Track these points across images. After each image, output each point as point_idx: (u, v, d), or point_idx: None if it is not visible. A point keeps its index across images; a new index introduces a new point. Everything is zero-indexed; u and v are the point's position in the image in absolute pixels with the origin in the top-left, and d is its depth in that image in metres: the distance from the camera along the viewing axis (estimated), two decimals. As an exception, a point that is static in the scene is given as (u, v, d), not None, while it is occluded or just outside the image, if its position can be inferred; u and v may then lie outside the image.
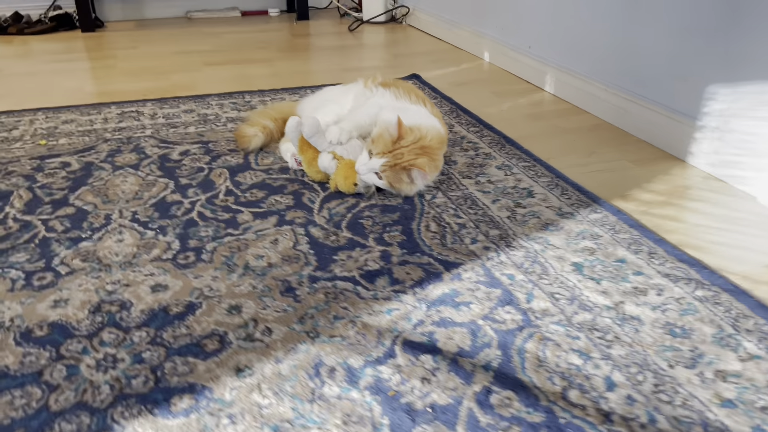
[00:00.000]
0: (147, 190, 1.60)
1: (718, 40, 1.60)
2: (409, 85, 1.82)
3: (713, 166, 1.65)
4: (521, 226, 1.41)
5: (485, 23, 2.84)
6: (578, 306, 1.14)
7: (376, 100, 1.73)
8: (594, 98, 2.09)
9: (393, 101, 1.72)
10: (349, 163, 1.55)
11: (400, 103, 1.71)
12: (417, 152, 1.48)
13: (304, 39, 3.44)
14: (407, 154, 1.47)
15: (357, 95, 1.79)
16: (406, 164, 1.47)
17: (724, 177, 1.62)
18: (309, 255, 1.31)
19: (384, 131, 1.50)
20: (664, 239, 1.35)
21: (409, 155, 1.47)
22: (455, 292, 1.18)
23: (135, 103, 2.27)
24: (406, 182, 1.49)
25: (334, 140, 1.57)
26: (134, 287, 1.20)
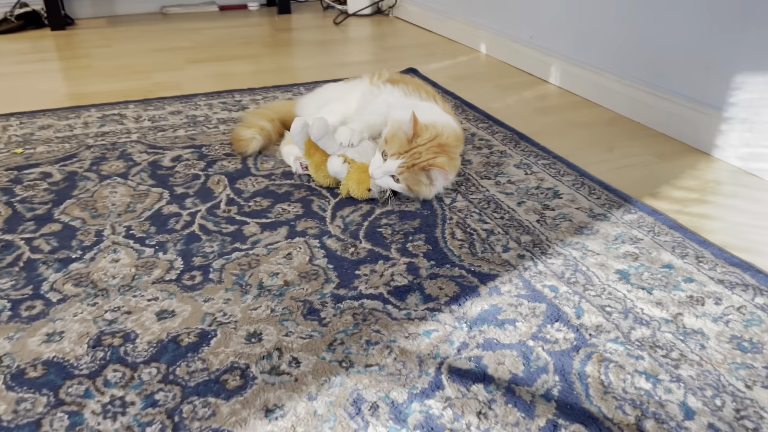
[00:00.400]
0: (140, 201, 1.46)
1: (748, 25, 1.51)
2: (418, 81, 1.71)
3: (742, 160, 1.57)
4: (553, 230, 1.31)
5: (481, 13, 2.73)
6: (633, 320, 1.04)
7: (385, 97, 1.61)
8: (607, 90, 2.00)
9: (402, 98, 1.60)
10: (361, 167, 1.43)
11: (411, 101, 1.59)
12: (435, 151, 1.37)
13: (289, 33, 3.29)
14: (425, 153, 1.36)
15: (363, 93, 1.67)
16: (424, 164, 1.35)
17: (755, 171, 1.54)
18: (328, 270, 1.19)
19: (397, 130, 1.39)
20: (708, 241, 1.26)
21: (427, 154, 1.36)
22: (496, 309, 1.07)
23: (116, 105, 2.11)
24: (426, 184, 1.38)
25: (345, 142, 1.45)
26: (137, 315, 1.07)
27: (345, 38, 3.18)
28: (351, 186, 1.42)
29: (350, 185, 1.42)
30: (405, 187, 1.39)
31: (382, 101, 1.59)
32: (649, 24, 1.82)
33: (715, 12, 1.60)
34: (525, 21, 2.42)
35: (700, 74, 1.67)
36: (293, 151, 1.60)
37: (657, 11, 1.78)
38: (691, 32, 1.67)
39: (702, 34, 1.64)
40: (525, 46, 2.42)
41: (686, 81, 1.72)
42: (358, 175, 1.42)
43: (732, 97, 1.57)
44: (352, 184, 1.42)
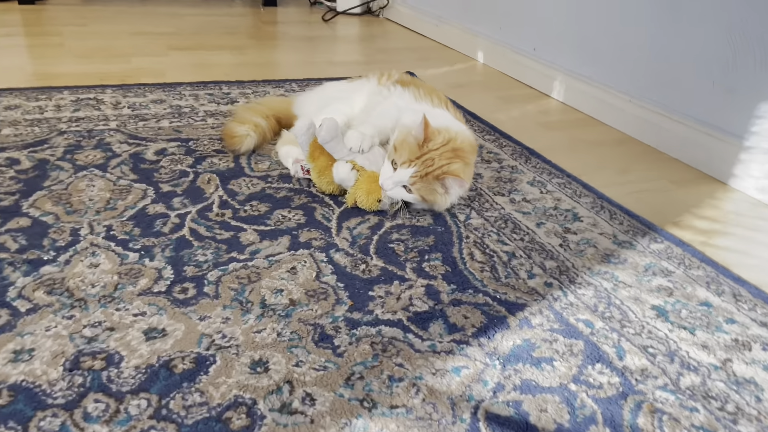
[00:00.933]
0: (121, 197, 1.30)
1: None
2: (429, 86, 1.60)
3: (763, 192, 1.51)
4: (579, 257, 1.21)
5: (480, 21, 2.64)
6: (680, 364, 0.94)
7: (395, 100, 1.49)
8: (615, 110, 1.93)
9: (413, 103, 1.49)
10: (371, 176, 1.31)
11: (421, 105, 1.48)
12: (449, 156, 1.26)
13: (276, 27, 3.15)
14: (438, 160, 1.25)
15: (370, 94, 1.55)
16: (438, 172, 1.24)
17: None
18: (338, 289, 1.07)
19: (407, 135, 1.28)
20: (742, 278, 1.18)
21: (441, 160, 1.25)
22: (529, 344, 0.96)
23: (92, 88, 1.94)
24: (440, 193, 1.27)
25: (355, 148, 1.33)
26: (121, 332, 0.92)
27: (334, 36, 3.05)
28: (360, 196, 1.30)
29: (359, 195, 1.30)
30: (419, 198, 1.27)
31: (392, 104, 1.48)
32: (664, 40, 1.75)
33: (740, 31, 1.53)
34: (528, 32, 2.34)
35: (720, 99, 1.60)
36: (292, 152, 1.47)
37: (674, 26, 1.71)
38: (714, 52, 1.61)
39: (724, 55, 1.58)
40: (527, 57, 2.33)
41: (704, 105, 1.65)
42: (368, 184, 1.30)
43: (755, 125, 1.51)
44: (361, 194, 1.29)
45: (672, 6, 1.71)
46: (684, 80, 1.71)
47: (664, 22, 1.75)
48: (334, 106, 1.53)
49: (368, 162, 1.34)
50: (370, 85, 1.58)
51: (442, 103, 1.52)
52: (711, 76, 1.62)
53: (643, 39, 1.82)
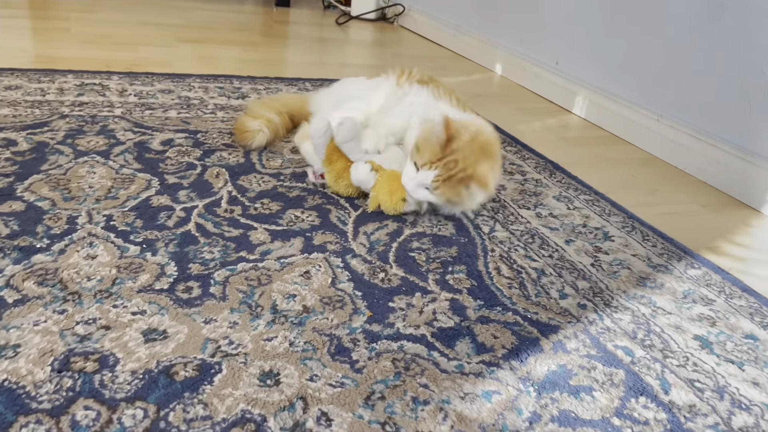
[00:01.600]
0: (123, 187, 1.21)
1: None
2: (448, 86, 1.52)
3: (800, 221, 1.43)
4: (612, 278, 1.13)
5: (499, 32, 2.58)
6: (731, 402, 0.86)
7: (411, 98, 1.42)
8: (641, 128, 1.86)
9: (431, 101, 1.41)
10: (392, 174, 1.23)
11: (440, 105, 1.40)
12: (475, 156, 1.17)
13: (288, 27, 3.07)
14: (462, 161, 1.16)
15: (388, 93, 1.47)
16: (462, 175, 1.16)
17: (813, 235, 1.40)
18: (356, 298, 0.98)
19: (429, 135, 1.19)
20: (787, 311, 1.10)
21: (465, 162, 1.16)
22: (566, 371, 0.88)
23: (98, 74, 1.85)
24: (466, 195, 1.18)
25: (371, 148, 1.25)
26: (118, 332, 0.83)
27: (347, 39, 2.98)
28: (382, 197, 1.21)
29: (381, 197, 1.21)
30: (444, 200, 1.19)
31: (408, 103, 1.40)
32: (698, 58, 1.69)
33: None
34: (551, 45, 2.27)
35: (756, 122, 1.53)
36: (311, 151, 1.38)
37: (709, 45, 1.65)
38: (751, 72, 1.54)
39: (766, 78, 1.51)
40: (548, 71, 2.27)
41: (739, 127, 1.58)
42: (389, 184, 1.21)
43: (795, 152, 1.44)
44: (384, 196, 1.21)
45: (708, 24, 1.65)
46: (718, 101, 1.64)
47: (699, 40, 1.68)
48: (352, 104, 1.45)
49: (386, 162, 1.26)
50: (389, 83, 1.50)
51: (461, 104, 1.44)
52: (748, 99, 1.55)
53: (675, 56, 1.76)
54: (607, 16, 2.00)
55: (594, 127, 2.03)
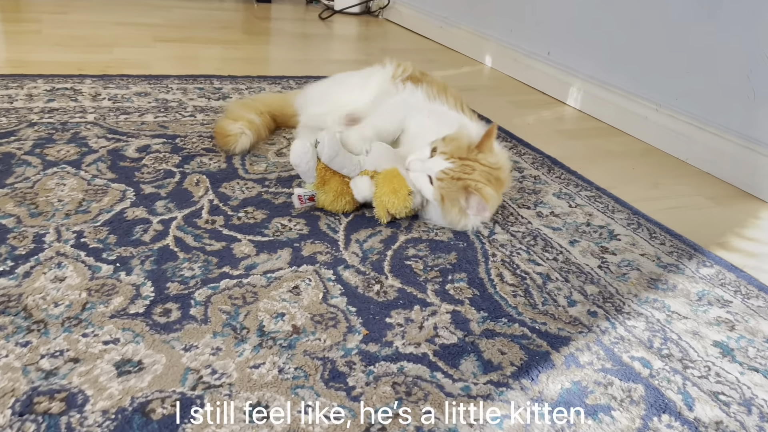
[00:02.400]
0: (95, 199, 1.13)
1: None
2: (443, 83, 1.44)
3: (811, 212, 1.37)
4: (622, 281, 1.06)
5: (488, 23, 2.50)
6: (759, 416, 0.79)
7: (404, 97, 1.34)
8: (639, 118, 1.79)
9: (425, 102, 1.33)
10: (388, 174, 1.14)
11: (435, 106, 1.33)
12: (488, 178, 1.11)
13: (270, 23, 2.98)
14: (477, 174, 1.10)
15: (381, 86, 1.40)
16: (471, 183, 1.09)
17: (826, 226, 1.34)
18: (350, 314, 0.90)
19: (463, 134, 1.13)
20: (808, 310, 1.03)
21: (479, 176, 1.10)
22: (580, 389, 0.80)
23: (69, 78, 1.76)
24: (459, 207, 1.11)
25: (355, 149, 1.17)
26: (88, 365, 0.75)
27: (331, 35, 2.89)
28: (389, 201, 1.12)
29: (387, 200, 1.12)
30: (438, 198, 1.11)
31: (400, 101, 1.32)
32: (697, 44, 1.62)
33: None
34: (542, 35, 2.20)
35: (761, 109, 1.47)
36: None
37: (710, 30, 1.58)
38: (755, 58, 1.47)
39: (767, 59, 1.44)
40: (540, 61, 2.19)
41: (743, 116, 1.52)
42: (390, 184, 1.12)
43: (804, 139, 1.38)
44: (389, 198, 1.12)
45: (707, 8, 1.58)
46: (719, 88, 1.57)
47: (698, 25, 1.61)
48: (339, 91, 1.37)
49: (373, 160, 1.17)
50: (384, 74, 1.42)
51: (457, 103, 1.37)
52: (752, 86, 1.49)
53: (673, 43, 1.69)
54: (600, 2, 1.93)
55: (590, 118, 1.96)
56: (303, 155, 1.12)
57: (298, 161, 1.13)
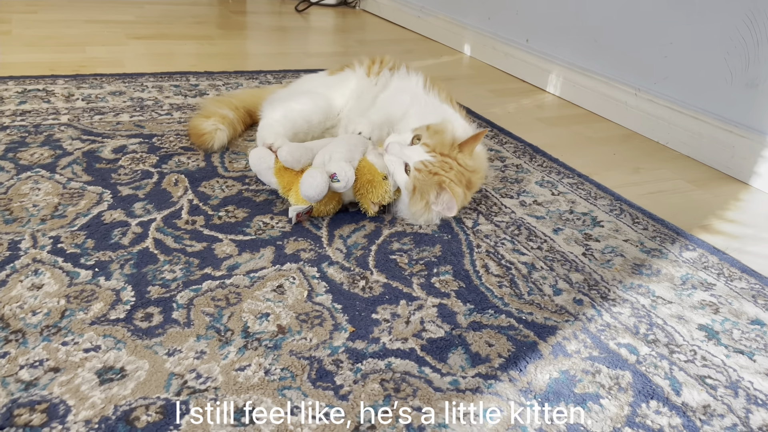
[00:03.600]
0: (71, 203, 1.11)
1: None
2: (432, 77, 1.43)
3: (790, 192, 1.38)
4: (606, 267, 1.06)
5: (466, 11, 2.49)
6: (746, 399, 0.80)
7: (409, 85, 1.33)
8: (617, 104, 1.79)
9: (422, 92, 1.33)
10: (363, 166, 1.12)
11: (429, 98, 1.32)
12: (461, 179, 1.11)
13: (246, 17, 2.95)
14: (453, 173, 1.09)
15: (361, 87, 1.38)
16: (447, 180, 1.08)
17: (805, 205, 1.36)
18: (336, 312, 0.89)
19: (448, 129, 1.13)
20: (790, 290, 1.04)
21: (454, 176, 1.09)
22: (569, 378, 0.80)
23: (41, 79, 1.72)
24: (426, 201, 1.10)
25: (365, 132, 1.17)
26: (68, 374, 0.73)
27: (309, 27, 2.87)
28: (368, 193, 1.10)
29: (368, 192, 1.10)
30: (409, 188, 1.10)
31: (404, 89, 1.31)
32: (674, 28, 1.62)
33: (765, 20, 1.41)
34: (520, 22, 2.20)
35: (740, 92, 1.48)
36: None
37: (686, 13, 1.58)
38: (733, 41, 1.48)
39: (748, 44, 1.45)
40: (519, 49, 2.19)
41: (722, 98, 1.52)
42: (363, 176, 1.11)
43: (781, 120, 1.39)
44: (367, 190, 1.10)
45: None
46: (697, 71, 1.58)
47: (674, 9, 1.61)
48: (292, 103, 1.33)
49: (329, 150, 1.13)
50: (357, 76, 1.41)
51: (446, 97, 1.36)
52: (729, 68, 1.49)
53: (650, 27, 1.69)
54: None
55: (570, 105, 1.96)
56: (256, 162, 1.15)
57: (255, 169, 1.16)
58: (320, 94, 1.38)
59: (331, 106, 1.37)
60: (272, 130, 1.22)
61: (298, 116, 1.28)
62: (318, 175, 1.04)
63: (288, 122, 1.26)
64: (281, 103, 1.34)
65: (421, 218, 1.14)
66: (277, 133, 1.21)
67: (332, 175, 1.06)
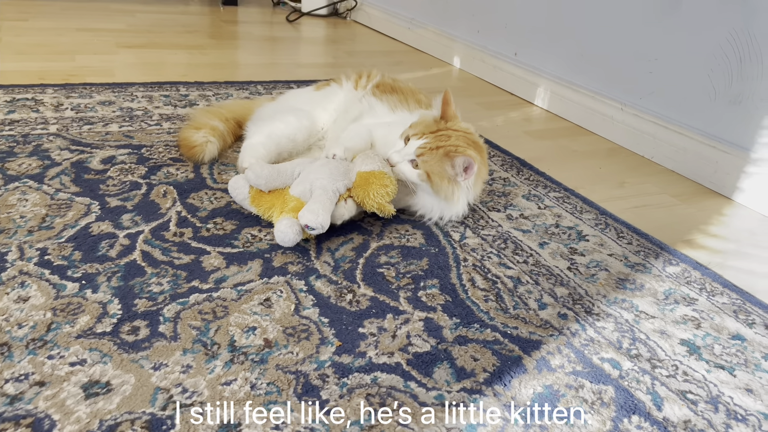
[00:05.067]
0: (59, 214, 1.11)
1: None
2: (412, 88, 1.45)
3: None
4: (591, 282, 1.08)
5: (456, 24, 2.51)
6: (726, 414, 0.81)
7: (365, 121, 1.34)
8: (604, 118, 1.81)
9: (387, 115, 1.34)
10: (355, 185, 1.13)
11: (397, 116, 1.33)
12: (465, 142, 1.13)
13: (237, 26, 2.96)
14: (454, 138, 1.11)
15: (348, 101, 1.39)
16: (451, 148, 1.10)
17: (786, 221, 1.38)
18: (323, 325, 0.90)
19: (426, 115, 1.19)
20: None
21: (457, 140, 1.11)
22: (552, 393, 0.81)
23: (30, 88, 1.72)
24: (449, 177, 1.12)
25: (340, 155, 1.17)
26: (54, 388, 0.74)
27: (300, 38, 2.88)
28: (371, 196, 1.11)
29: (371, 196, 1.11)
30: (424, 176, 1.12)
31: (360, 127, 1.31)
32: (660, 45, 1.65)
33: (748, 38, 1.43)
34: (509, 36, 2.22)
35: (723, 108, 1.50)
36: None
37: (670, 30, 1.61)
38: (717, 59, 1.51)
39: (731, 62, 1.47)
40: (507, 62, 2.21)
41: (706, 114, 1.55)
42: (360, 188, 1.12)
43: (764, 136, 1.41)
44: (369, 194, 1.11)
45: (670, 9, 1.61)
46: (682, 88, 1.61)
47: (660, 26, 1.64)
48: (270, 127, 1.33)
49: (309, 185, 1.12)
50: (345, 91, 1.42)
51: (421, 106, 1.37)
52: (713, 84, 1.52)
53: (637, 43, 1.72)
54: (565, 4, 1.95)
55: (557, 118, 1.98)
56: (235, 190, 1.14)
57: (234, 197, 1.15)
58: (305, 111, 1.38)
59: (316, 123, 1.38)
60: (254, 153, 1.24)
61: (281, 136, 1.29)
62: (289, 231, 1.03)
63: (272, 143, 1.27)
64: (265, 124, 1.35)
65: (453, 198, 1.14)
66: (258, 156, 1.22)
67: (305, 226, 1.05)
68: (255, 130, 1.34)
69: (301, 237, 1.05)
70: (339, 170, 1.12)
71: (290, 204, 1.10)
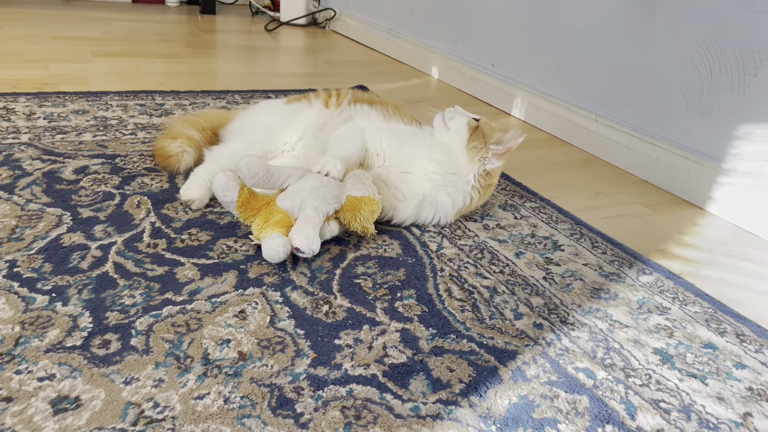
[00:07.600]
0: (29, 225, 1.09)
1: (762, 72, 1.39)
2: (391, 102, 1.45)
3: (743, 217, 1.43)
4: (566, 292, 1.09)
5: (434, 35, 2.53)
6: (698, 422, 0.82)
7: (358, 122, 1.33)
8: (579, 129, 1.84)
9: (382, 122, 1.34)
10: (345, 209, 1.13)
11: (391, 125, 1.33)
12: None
13: (215, 35, 2.94)
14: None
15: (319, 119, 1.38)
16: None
17: (757, 231, 1.40)
18: (298, 337, 0.89)
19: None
20: (742, 315, 1.08)
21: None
22: (528, 402, 0.82)
23: (2, 96, 1.69)
24: (486, 143, 1.26)
25: (333, 174, 1.15)
26: (21, 404, 0.72)
27: (278, 47, 2.88)
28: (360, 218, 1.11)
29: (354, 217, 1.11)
30: (472, 123, 1.29)
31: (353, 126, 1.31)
32: (632, 57, 1.68)
33: (719, 50, 1.46)
34: (486, 47, 2.24)
35: (695, 119, 1.53)
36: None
37: (643, 42, 1.64)
38: (687, 71, 1.53)
39: (701, 73, 1.50)
40: (485, 73, 2.23)
41: (677, 126, 1.57)
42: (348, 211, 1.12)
43: (734, 147, 1.44)
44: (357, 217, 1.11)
45: (642, 22, 1.64)
46: (655, 99, 1.63)
47: (633, 38, 1.67)
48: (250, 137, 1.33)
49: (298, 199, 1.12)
50: (315, 110, 1.40)
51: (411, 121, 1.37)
52: (684, 97, 1.55)
53: (610, 55, 1.74)
54: (541, 16, 1.98)
55: (534, 129, 2.00)
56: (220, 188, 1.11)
57: (219, 197, 1.12)
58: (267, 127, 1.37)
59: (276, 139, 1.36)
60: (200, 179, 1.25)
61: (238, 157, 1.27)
62: (281, 251, 1.02)
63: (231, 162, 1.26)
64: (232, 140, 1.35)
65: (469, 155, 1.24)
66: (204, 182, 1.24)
67: (296, 249, 1.04)
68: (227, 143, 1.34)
69: (287, 257, 1.05)
70: (332, 193, 1.11)
71: (276, 216, 1.09)
